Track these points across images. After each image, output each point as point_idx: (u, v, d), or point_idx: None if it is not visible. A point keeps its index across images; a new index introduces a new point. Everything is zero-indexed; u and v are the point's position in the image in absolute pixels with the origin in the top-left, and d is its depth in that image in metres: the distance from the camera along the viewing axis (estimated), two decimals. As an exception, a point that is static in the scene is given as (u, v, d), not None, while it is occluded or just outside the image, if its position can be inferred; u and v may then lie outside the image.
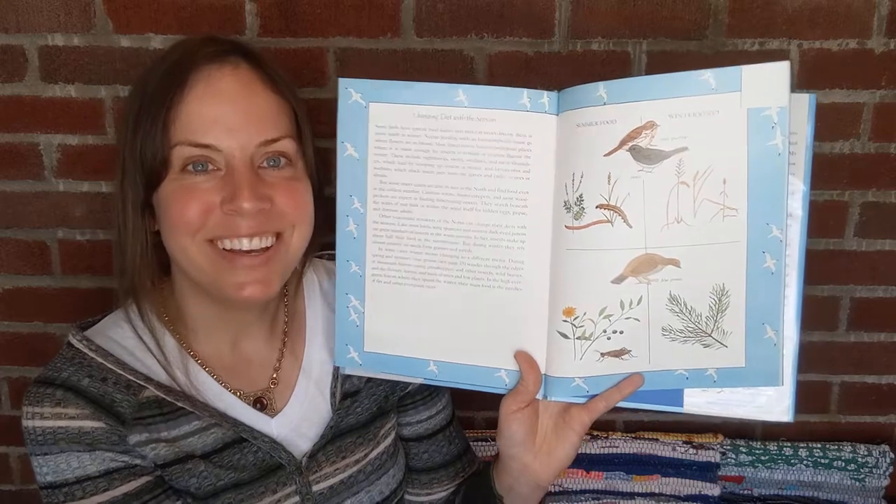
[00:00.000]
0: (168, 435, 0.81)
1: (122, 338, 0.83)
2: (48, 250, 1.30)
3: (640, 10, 1.18)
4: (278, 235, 0.81)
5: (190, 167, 0.78)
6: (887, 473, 1.34)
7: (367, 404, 0.93)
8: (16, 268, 1.32)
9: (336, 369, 0.91)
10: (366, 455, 0.92)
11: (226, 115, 0.77)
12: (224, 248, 0.79)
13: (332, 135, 1.23)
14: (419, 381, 0.84)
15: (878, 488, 1.35)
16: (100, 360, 0.81)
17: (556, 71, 1.20)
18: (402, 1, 1.18)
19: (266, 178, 0.80)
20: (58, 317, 1.33)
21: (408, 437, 0.99)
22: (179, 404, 0.81)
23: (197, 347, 0.86)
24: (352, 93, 0.80)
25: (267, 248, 0.80)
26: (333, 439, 0.89)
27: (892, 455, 1.33)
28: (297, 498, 0.86)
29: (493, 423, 1.38)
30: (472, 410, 1.38)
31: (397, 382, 0.93)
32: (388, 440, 0.95)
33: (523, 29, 1.19)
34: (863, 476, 1.34)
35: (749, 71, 0.72)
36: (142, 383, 0.81)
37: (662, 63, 1.20)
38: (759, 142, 0.71)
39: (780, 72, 0.71)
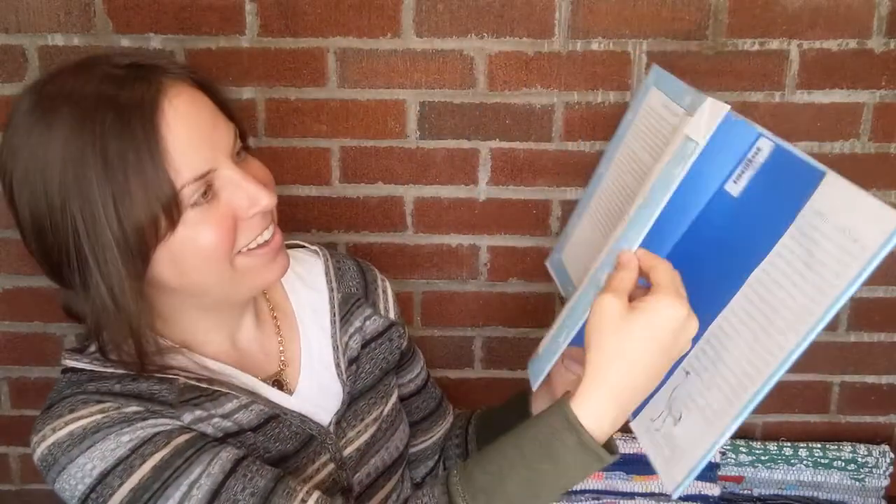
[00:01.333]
0: (217, 412, 0.79)
1: (127, 356, 0.80)
2: (48, 250, 1.30)
3: (640, 10, 1.18)
4: None
5: (197, 197, 0.73)
6: (887, 473, 1.34)
7: (369, 367, 0.95)
8: (16, 268, 1.32)
9: (335, 342, 0.92)
10: (381, 413, 0.95)
11: (202, 133, 0.73)
12: (250, 249, 0.78)
13: (333, 135, 1.24)
14: (563, 294, 1.01)
15: (878, 488, 1.35)
16: (121, 371, 0.78)
17: (556, 71, 1.21)
18: (402, 1, 1.18)
19: (247, 168, 0.78)
20: (58, 317, 1.33)
21: (411, 393, 1.04)
22: (214, 388, 0.80)
23: (200, 351, 0.85)
24: (651, 75, 0.97)
25: None
26: (350, 405, 0.91)
27: (892, 455, 1.34)
28: (332, 465, 0.88)
29: (493, 423, 1.38)
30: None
31: (391, 343, 0.99)
32: (394, 396, 0.99)
33: (523, 29, 1.19)
34: (863, 476, 1.34)
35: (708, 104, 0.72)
36: (172, 376, 0.79)
37: (662, 63, 1.19)
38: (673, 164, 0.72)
39: (715, 112, 0.70)
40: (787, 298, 0.67)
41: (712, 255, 0.78)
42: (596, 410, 0.68)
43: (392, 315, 1.00)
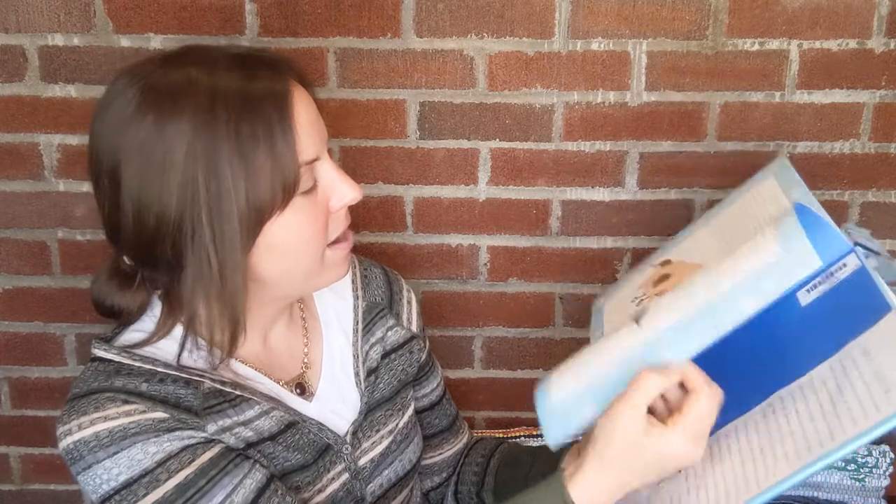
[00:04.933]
0: (239, 419, 0.80)
1: (157, 347, 0.81)
2: (48, 250, 1.30)
3: (640, 10, 1.18)
4: None
5: (307, 185, 0.77)
6: (887, 473, 1.34)
7: (387, 379, 0.95)
8: (16, 268, 1.32)
9: (356, 350, 0.93)
10: (396, 425, 0.95)
11: (314, 121, 0.79)
12: (337, 241, 0.82)
13: (333, 135, 1.24)
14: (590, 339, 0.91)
15: (878, 488, 1.35)
16: (148, 367, 0.79)
17: (556, 71, 1.21)
18: (402, 1, 1.18)
19: None
20: (58, 317, 1.33)
21: (424, 408, 1.04)
22: (237, 392, 0.81)
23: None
24: (775, 164, 0.89)
25: None
26: (366, 415, 0.92)
27: (892, 455, 1.33)
28: (347, 475, 0.88)
29: (492, 423, 1.39)
30: (473, 410, 1.39)
31: (411, 356, 0.99)
32: (411, 409, 0.99)
33: (523, 29, 1.19)
34: (863, 476, 1.34)
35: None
36: (197, 378, 0.79)
37: (663, 63, 1.20)
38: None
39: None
40: (798, 429, 0.63)
41: (751, 358, 0.73)
42: (591, 500, 0.70)
43: (414, 327, 1.00)
